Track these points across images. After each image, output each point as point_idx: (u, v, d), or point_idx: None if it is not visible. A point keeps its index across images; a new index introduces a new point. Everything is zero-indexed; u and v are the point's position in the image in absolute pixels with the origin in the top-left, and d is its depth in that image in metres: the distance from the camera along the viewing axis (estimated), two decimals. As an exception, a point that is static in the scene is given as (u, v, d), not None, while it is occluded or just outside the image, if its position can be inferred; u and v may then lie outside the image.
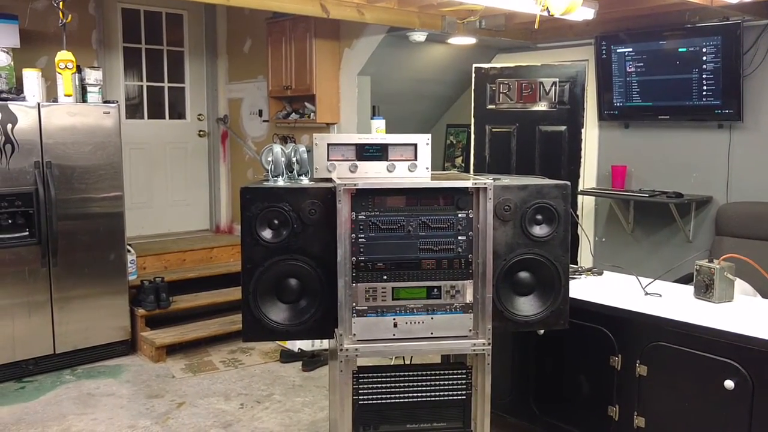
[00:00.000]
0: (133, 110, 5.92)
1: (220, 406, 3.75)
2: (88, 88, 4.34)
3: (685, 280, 3.84)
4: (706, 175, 4.27)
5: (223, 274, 5.36)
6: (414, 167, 2.46)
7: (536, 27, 2.89)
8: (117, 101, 4.47)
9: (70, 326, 4.31)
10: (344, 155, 2.44)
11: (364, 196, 2.30)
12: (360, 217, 2.30)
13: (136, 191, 5.80)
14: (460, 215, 2.35)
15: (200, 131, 6.29)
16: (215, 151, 6.38)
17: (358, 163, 2.43)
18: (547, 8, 2.40)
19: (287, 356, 4.48)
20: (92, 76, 4.35)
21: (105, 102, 4.39)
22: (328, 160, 2.42)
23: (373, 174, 2.44)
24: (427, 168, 2.47)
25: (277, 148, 2.40)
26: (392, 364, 3.06)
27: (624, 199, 4.59)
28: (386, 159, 2.45)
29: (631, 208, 4.64)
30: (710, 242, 4.13)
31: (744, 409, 2.29)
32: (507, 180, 2.51)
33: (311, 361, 4.38)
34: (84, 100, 4.33)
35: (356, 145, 2.43)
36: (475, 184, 2.33)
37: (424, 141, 2.47)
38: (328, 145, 2.42)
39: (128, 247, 4.64)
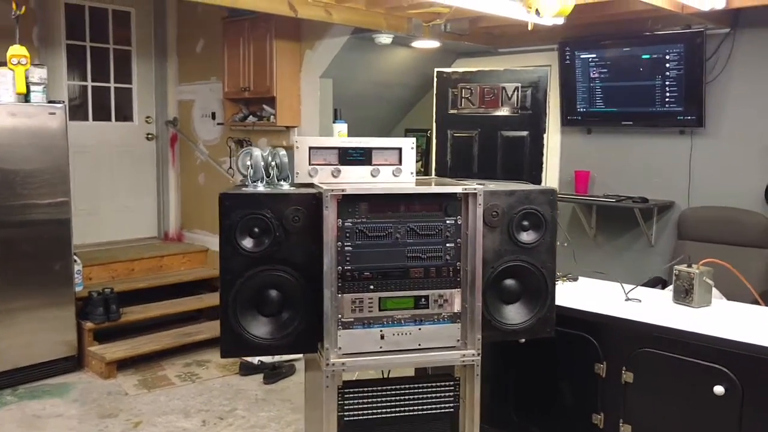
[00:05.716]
0: (76, 111, 5.59)
1: (180, 424, 3.55)
2: (32, 87, 4.06)
3: (652, 284, 3.89)
4: (667, 181, 4.33)
5: (174, 283, 5.17)
6: (399, 172, 2.37)
7: (530, 29, 2.84)
8: (63, 101, 4.21)
9: (10, 341, 4.01)
10: (326, 159, 2.32)
11: (350, 202, 2.17)
12: (346, 224, 2.18)
13: (80, 197, 5.46)
14: (448, 222, 2.26)
15: (148, 134, 6.02)
16: (164, 155, 6.12)
17: (341, 167, 2.32)
18: (537, 10, 2.35)
19: (247, 369, 4.30)
20: (36, 74, 4.07)
21: (50, 102, 4.12)
22: (310, 164, 2.30)
23: (357, 179, 2.33)
24: (411, 173, 2.38)
25: (257, 151, 2.26)
26: (377, 377, 2.95)
27: (587, 203, 4.60)
28: (370, 163, 2.35)
29: (594, 213, 4.66)
30: (672, 246, 4.20)
31: (733, 415, 2.28)
32: (493, 185, 2.44)
33: (272, 373, 4.22)
34: (27, 99, 4.05)
35: (339, 148, 2.32)
36: (465, 189, 2.25)
37: (408, 145, 2.38)
38: (310, 148, 2.30)
39: (74, 257, 4.37)
